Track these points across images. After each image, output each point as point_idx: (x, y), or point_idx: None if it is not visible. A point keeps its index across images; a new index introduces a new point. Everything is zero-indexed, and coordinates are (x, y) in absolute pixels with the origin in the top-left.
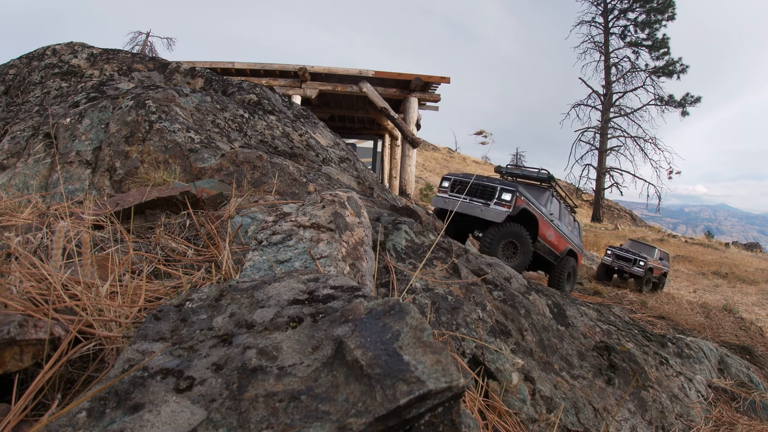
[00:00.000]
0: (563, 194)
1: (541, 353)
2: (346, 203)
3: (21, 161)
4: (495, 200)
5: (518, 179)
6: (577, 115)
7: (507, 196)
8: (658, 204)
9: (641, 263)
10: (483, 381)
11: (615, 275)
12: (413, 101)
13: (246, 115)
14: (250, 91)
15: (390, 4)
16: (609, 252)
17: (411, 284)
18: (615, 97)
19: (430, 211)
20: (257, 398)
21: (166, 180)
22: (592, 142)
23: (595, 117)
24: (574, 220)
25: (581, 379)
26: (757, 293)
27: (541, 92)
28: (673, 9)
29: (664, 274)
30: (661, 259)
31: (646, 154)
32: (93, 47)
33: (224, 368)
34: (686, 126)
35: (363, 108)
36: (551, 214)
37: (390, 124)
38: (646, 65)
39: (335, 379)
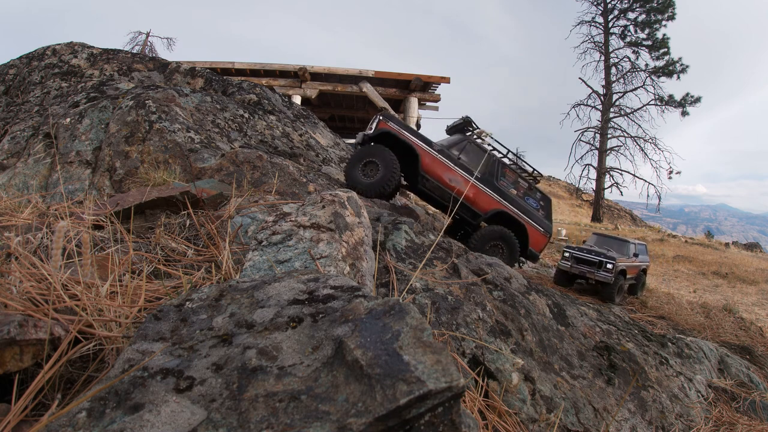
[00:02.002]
0: (509, 156)
1: (541, 353)
2: (346, 203)
3: (21, 161)
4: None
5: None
6: (577, 115)
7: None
8: (658, 204)
9: (609, 266)
10: (483, 381)
11: (578, 279)
12: (413, 101)
13: (246, 115)
14: (250, 91)
15: (390, 4)
16: (566, 254)
17: (411, 284)
18: (615, 97)
19: (430, 211)
20: (257, 398)
21: (166, 180)
22: (592, 142)
23: (595, 117)
24: (534, 190)
25: (581, 379)
26: (757, 293)
27: (541, 92)
28: (673, 9)
29: (644, 271)
30: (636, 254)
31: (646, 154)
32: (93, 47)
33: (224, 368)
34: (686, 126)
35: (363, 108)
36: (459, 159)
37: None
38: (646, 65)
39: (335, 379)
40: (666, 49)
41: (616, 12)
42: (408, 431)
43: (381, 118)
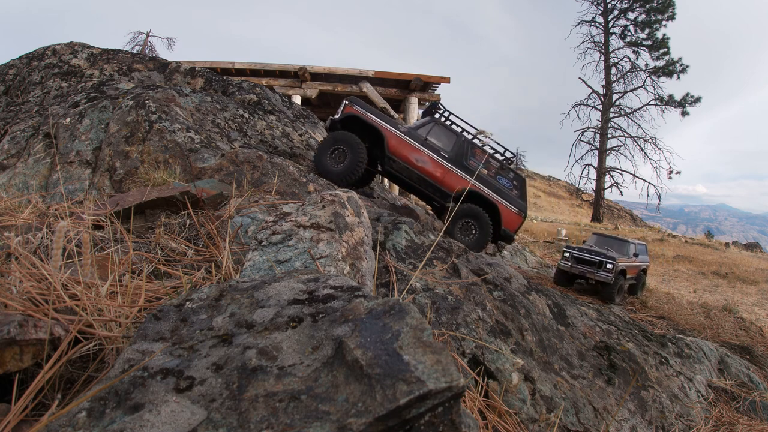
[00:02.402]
0: (480, 138)
1: (541, 353)
2: (346, 203)
3: (21, 161)
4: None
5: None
6: (577, 115)
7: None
8: (658, 204)
9: (609, 266)
10: (483, 381)
11: (578, 279)
12: (413, 101)
13: (246, 115)
14: (250, 91)
15: (390, 4)
16: (566, 254)
17: (411, 284)
18: (615, 97)
19: (430, 211)
20: (257, 398)
21: (166, 180)
22: (592, 142)
23: (595, 117)
24: (507, 170)
25: (581, 379)
26: (757, 293)
27: (541, 92)
28: (673, 9)
29: (644, 271)
30: (636, 254)
31: (646, 154)
32: (93, 47)
33: (224, 368)
34: (686, 126)
35: None
36: (426, 140)
37: None
38: (646, 65)
39: (335, 379)
40: (666, 49)
41: (616, 12)
42: (408, 431)
43: (347, 102)
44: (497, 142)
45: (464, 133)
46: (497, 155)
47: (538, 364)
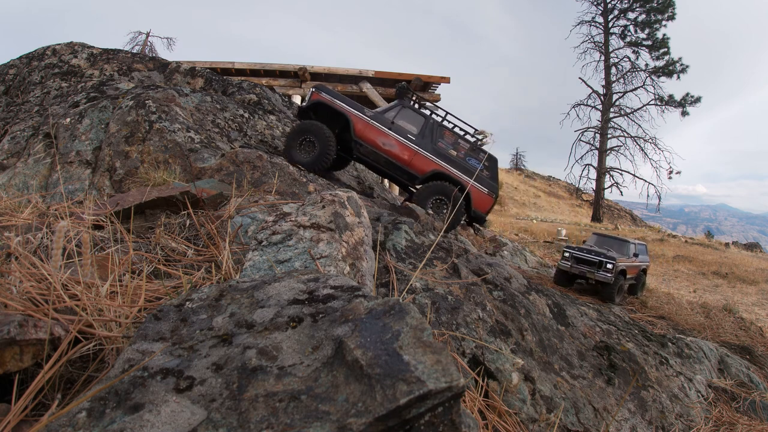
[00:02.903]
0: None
1: (541, 353)
2: (346, 203)
3: (21, 161)
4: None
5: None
6: (577, 115)
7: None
8: (658, 204)
9: (609, 266)
10: (483, 381)
11: (578, 279)
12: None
13: (246, 115)
14: (250, 91)
15: (390, 4)
16: (566, 254)
17: (411, 284)
18: (615, 97)
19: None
20: (257, 398)
21: (166, 180)
22: (592, 142)
23: (595, 117)
24: (478, 151)
25: (581, 379)
26: (757, 293)
27: (541, 92)
28: (673, 9)
29: (644, 271)
30: (636, 254)
31: (646, 154)
32: (93, 47)
33: (224, 368)
34: (686, 126)
35: None
36: (393, 123)
37: None
38: (646, 65)
39: (335, 379)
40: (666, 49)
41: (616, 12)
42: (408, 431)
43: (313, 89)
44: (467, 123)
45: (433, 116)
46: (468, 136)
47: (538, 364)
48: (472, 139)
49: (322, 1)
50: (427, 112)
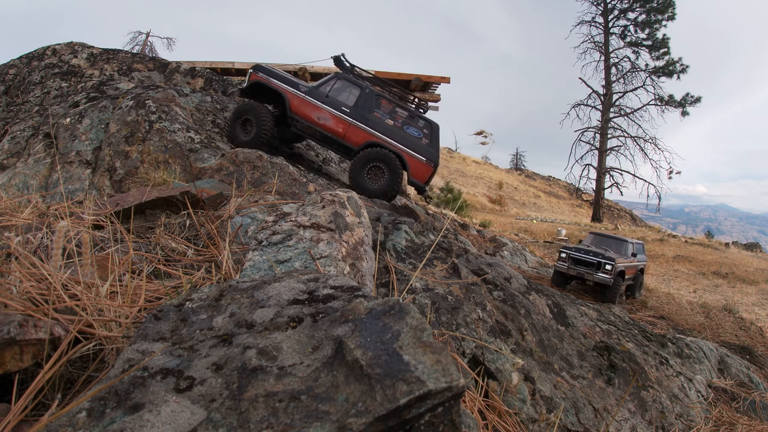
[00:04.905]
0: (391, 91)
1: (541, 353)
2: (346, 203)
3: (21, 161)
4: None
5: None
6: (577, 115)
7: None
8: (658, 204)
9: (608, 267)
10: (483, 381)
11: (574, 281)
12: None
13: None
14: None
15: (390, 4)
16: (563, 254)
17: (411, 284)
18: (615, 97)
19: (430, 211)
20: (257, 398)
21: (166, 180)
22: (592, 142)
23: (595, 117)
24: (417, 119)
25: (581, 379)
26: (757, 293)
27: (541, 92)
28: (673, 9)
29: (641, 271)
30: (634, 254)
31: (646, 154)
32: (93, 47)
33: (224, 368)
34: (686, 126)
35: None
36: (328, 96)
37: None
38: (646, 65)
39: (335, 379)
40: (666, 49)
41: (616, 12)
42: (408, 431)
43: (251, 70)
44: (404, 90)
45: (369, 84)
46: (408, 104)
47: (538, 364)
48: (412, 107)
49: (322, 1)
50: (363, 82)
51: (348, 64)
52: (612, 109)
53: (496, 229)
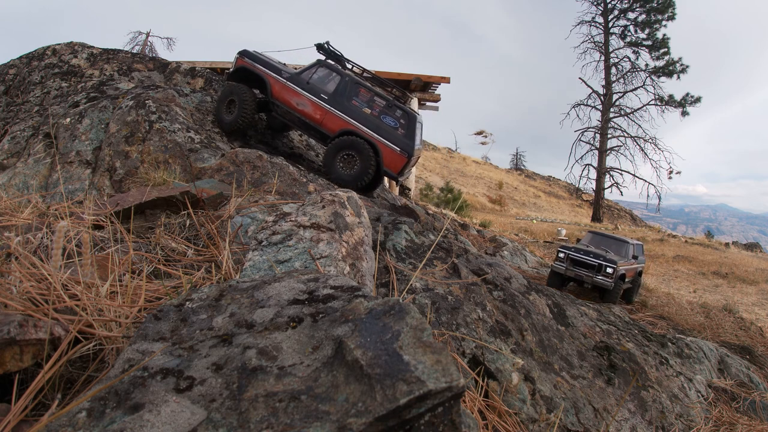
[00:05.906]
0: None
1: (541, 353)
2: (346, 203)
3: (21, 161)
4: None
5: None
6: (577, 115)
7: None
8: (658, 204)
9: (609, 270)
10: (483, 381)
11: (571, 282)
12: (413, 101)
13: None
14: None
15: (390, 4)
16: (561, 254)
17: (411, 284)
18: (615, 97)
19: (430, 211)
20: (257, 398)
21: (166, 180)
22: (592, 142)
23: (595, 117)
24: (394, 108)
25: (581, 379)
26: (757, 293)
27: (541, 92)
28: (673, 9)
29: (640, 273)
30: (635, 256)
31: (646, 154)
32: (93, 47)
33: (224, 368)
34: (686, 126)
35: None
36: (308, 83)
37: None
38: (646, 65)
39: (335, 379)
40: (666, 49)
41: (616, 12)
42: (408, 431)
43: (237, 55)
44: (384, 79)
45: (350, 72)
46: (387, 94)
47: (538, 364)
48: (391, 97)
49: (322, 1)
50: (345, 70)
51: (336, 53)
52: (612, 109)
53: (496, 229)
